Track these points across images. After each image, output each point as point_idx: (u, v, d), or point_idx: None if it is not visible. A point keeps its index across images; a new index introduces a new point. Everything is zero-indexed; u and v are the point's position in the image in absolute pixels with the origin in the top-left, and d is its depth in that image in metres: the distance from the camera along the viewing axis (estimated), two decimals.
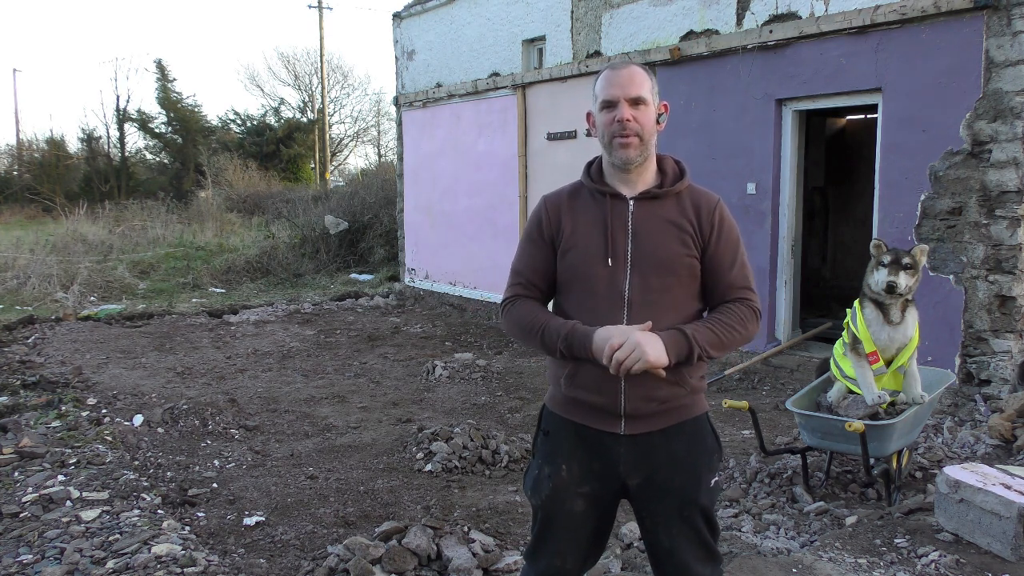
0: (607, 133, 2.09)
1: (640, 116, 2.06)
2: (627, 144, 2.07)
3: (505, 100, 10.08)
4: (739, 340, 2.08)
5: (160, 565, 3.25)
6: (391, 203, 15.41)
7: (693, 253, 2.08)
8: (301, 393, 6.85)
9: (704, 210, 2.11)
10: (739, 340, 2.08)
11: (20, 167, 31.89)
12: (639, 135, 2.07)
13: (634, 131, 2.06)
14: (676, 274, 2.07)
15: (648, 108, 2.08)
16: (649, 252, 2.07)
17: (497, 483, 4.76)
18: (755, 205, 7.22)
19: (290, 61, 44.27)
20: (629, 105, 2.06)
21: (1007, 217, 5.56)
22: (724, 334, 2.04)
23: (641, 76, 2.08)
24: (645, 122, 2.07)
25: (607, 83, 2.09)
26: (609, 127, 2.08)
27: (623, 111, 2.05)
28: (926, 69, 5.95)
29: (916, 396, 4.10)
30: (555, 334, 2.06)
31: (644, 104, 2.07)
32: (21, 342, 8.65)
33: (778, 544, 3.61)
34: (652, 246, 2.07)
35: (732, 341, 2.06)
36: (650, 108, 2.09)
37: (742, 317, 2.08)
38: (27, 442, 4.78)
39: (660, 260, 2.06)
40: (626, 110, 2.05)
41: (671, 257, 2.06)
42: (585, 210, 2.15)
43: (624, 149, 2.07)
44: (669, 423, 2.10)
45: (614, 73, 2.09)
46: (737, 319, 2.07)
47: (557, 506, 2.16)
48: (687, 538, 2.10)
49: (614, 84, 2.08)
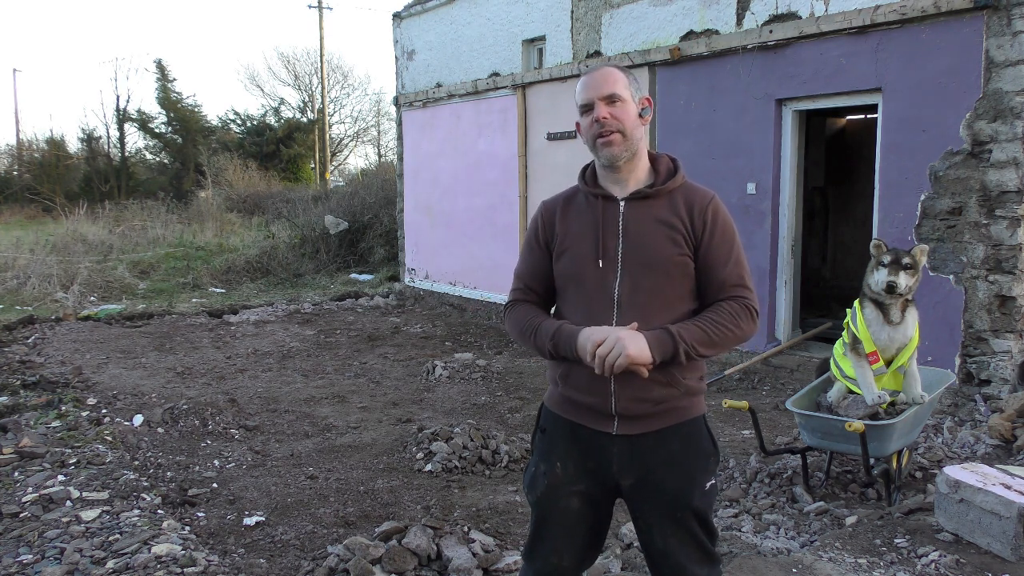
0: (590, 136, 2.12)
1: (618, 112, 2.08)
2: (609, 142, 2.08)
3: (505, 100, 10.08)
4: (733, 338, 2.06)
5: (160, 565, 3.25)
6: (391, 203, 15.41)
7: (685, 252, 2.07)
8: (301, 393, 6.85)
9: (697, 207, 2.10)
10: (733, 338, 2.06)
11: (20, 167, 31.90)
12: (620, 131, 2.08)
13: (614, 128, 2.08)
14: (667, 274, 2.07)
15: (626, 104, 2.10)
16: (639, 253, 2.07)
17: (497, 483, 4.76)
18: (755, 205, 7.22)
19: (290, 61, 44.35)
20: (605, 104, 2.08)
21: (1007, 217, 5.56)
22: (715, 332, 2.02)
23: (614, 75, 2.11)
24: (624, 117, 2.09)
25: (582, 88, 2.14)
26: (590, 129, 2.11)
27: (599, 111, 2.08)
28: (926, 69, 5.95)
29: (916, 396, 4.10)
30: (544, 335, 2.11)
31: (620, 100, 2.09)
32: (21, 342, 8.65)
33: (778, 544, 3.61)
34: (642, 246, 2.07)
35: (725, 339, 2.04)
36: (628, 104, 2.10)
37: (734, 315, 2.05)
38: (27, 442, 4.78)
39: (650, 260, 2.06)
40: (602, 109, 2.08)
41: (661, 257, 2.06)
42: (579, 214, 2.18)
43: (608, 147, 2.09)
44: (663, 425, 2.09)
45: (588, 77, 2.13)
46: (729, 317, 2.05)
47: (552, 503, 2.17)
48: (681, 540, 2.09)
49: (588, 87, 2.12)
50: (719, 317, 2.05)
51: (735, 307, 2.07)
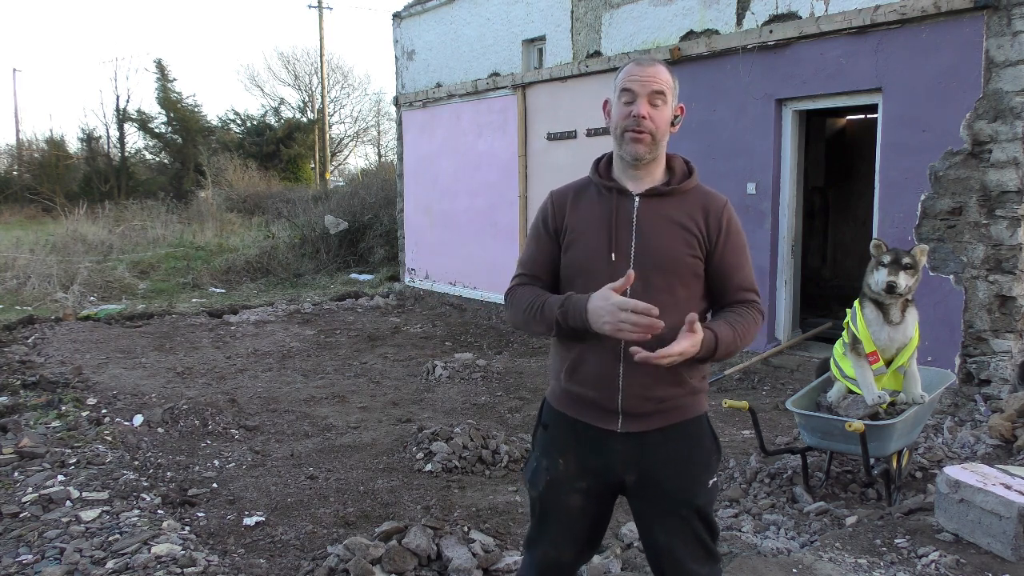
0: (621, 125, 2.08)
1: (656, 115, 2.06)
2: (639, 140, 2.06)
3: (505, 100, 10.08)
4: (747, 343, 2.12)
5: (160, 565, 3.25)
6: (391, 203, 15.41)
7: (697, 254, 2.08)
8: (301, 393, 6.85)
9: (712, 212, 2.10)
10: (747, 343, 2.12)
11: (20, 167, 31.87)
12: (652, 133, 2.06)
13: (648, 129, 2.05)
14: (678, 274, 2.07)
15: (665, 107, 2.08)
16: (652, 250, 2.06)
17: (497, 483, 4.76)
18: (755, 205, 7.22)
19: (290, 61, 44.30)
20: (648, 100, 2.05)
21: (1007, 217, 5.56)
22: (740, 338, 2.06)
23: (665, 75, 2.08)
24: (660, 121, 2.07)
25: (632, 74, 2.08)
26: (624, 119, 2.07)
27: (641, 106, 2.05)
28: (926, 69, 5.95)
29: (916, 396, 4.10)
30: (552, 306, 2.06)
31: (663, 102, 2.07)
32: (21, 342, 8.64)
33: (778, 544, 3.61)
34: (655, 244, 2.07)
35: (743, 345, 2.09)
36: (667, 107, 2.08)
37: (754, 321, 2.11)
38: (27, 442, 4.78)
39: (663, 259, 2.06)
40: (644, 106, 2.05)
41: (674, 257, 2.06)
42: (591, 205, 2.15)
43: (635, 144, 2.07)
44: (667, 423, 2.10)
45: (640, 68, 2.08)
46: (751, 322, 2.10)
47: (553, 499, 2.18)
48: (683, 538, 2.10)
49: (639, 78, 2.07)
50: (745, 322, 2.08)
51: (753, 313, 2.12)
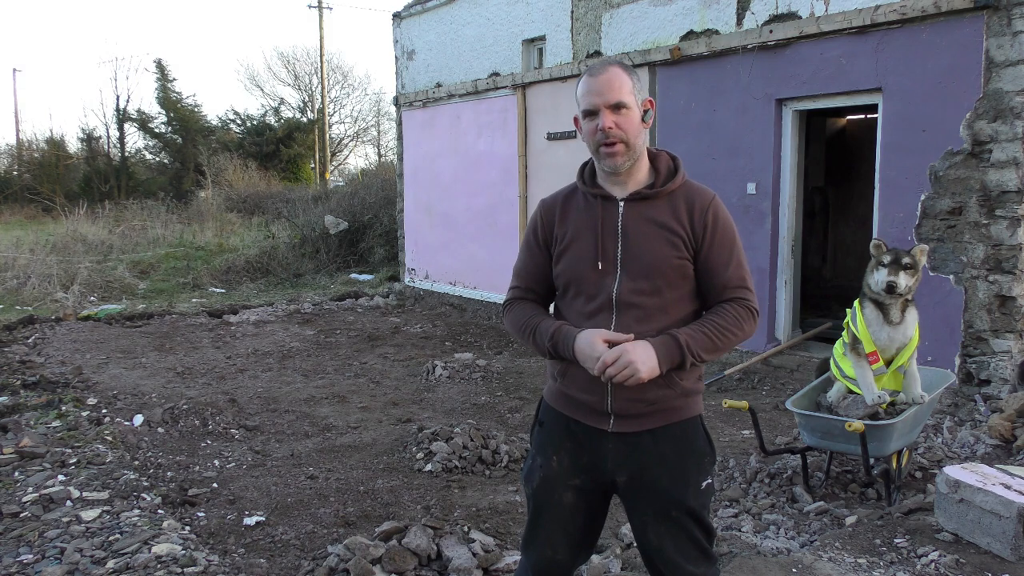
0: (592, 142, 2.09)
1: (622, 122, 2.04)
2: (613, 152, 2.06)
3: (505, 100, 10.08)
4: (735, 341, 2.08)
5: (160, 565, 3.25)
6: (391, 203, 15.41)
7: (684, 255, 2.07)
8: (301, 393, 6.85)
9: (697, 210, 2.09)
10: (735, 341, 2.08)
11: (20, 167, 31.85)
12: (624, 141, 2.05)
13: (618, 138, 2.04)
14: (665, 277, 2.06)
15: (631, 111, 2.05)
16: (637, 255, 2.07)
17: (497, 483, 4.76)
18: (755, 205, 7.22)
19: (290, 61, 44.21)
20: (610, 112, 2.03)
21: (1007, 217, 5.56)
22: (718, 337, 2.04)
23: (620, 79, 2.05)
24: (628, 127, 2.05)
25: (586, 90, 2.07)
26: (593, 136, 2.07)
27: (604, 119, 2.03)
28: (926, 69, 5.95)
29: (916, 396, 4.10)
30: (543, 334, 2.11)
31: (626, 108, 2.04)
32: (21, 342, 8.65)
33: (778, 544, 3.61)
34: (640, 249, 2.07)
35: (727, 343, 2.06)
36: (632, 111, 2.05)
37: (738, 318, 2.07)
38: (27, 442, 4.78)
39: (648, 263, 2.06)
40: (607, 118, 2.03)
41: (659, 260, 2.06)
42: (579, 213, 2.17)
43: (611, 157, 2.07)
44: (658, 424, 2.10)
45: (593, 80, 2.06)
46: (732, 320, 2.06)
47: (547, 496, 2.19)
48: (675, 538, 2.10)
49: (593, 92, 2.05)
50: (723, 321, 2.05)
51: (738, 310, 2.08)
